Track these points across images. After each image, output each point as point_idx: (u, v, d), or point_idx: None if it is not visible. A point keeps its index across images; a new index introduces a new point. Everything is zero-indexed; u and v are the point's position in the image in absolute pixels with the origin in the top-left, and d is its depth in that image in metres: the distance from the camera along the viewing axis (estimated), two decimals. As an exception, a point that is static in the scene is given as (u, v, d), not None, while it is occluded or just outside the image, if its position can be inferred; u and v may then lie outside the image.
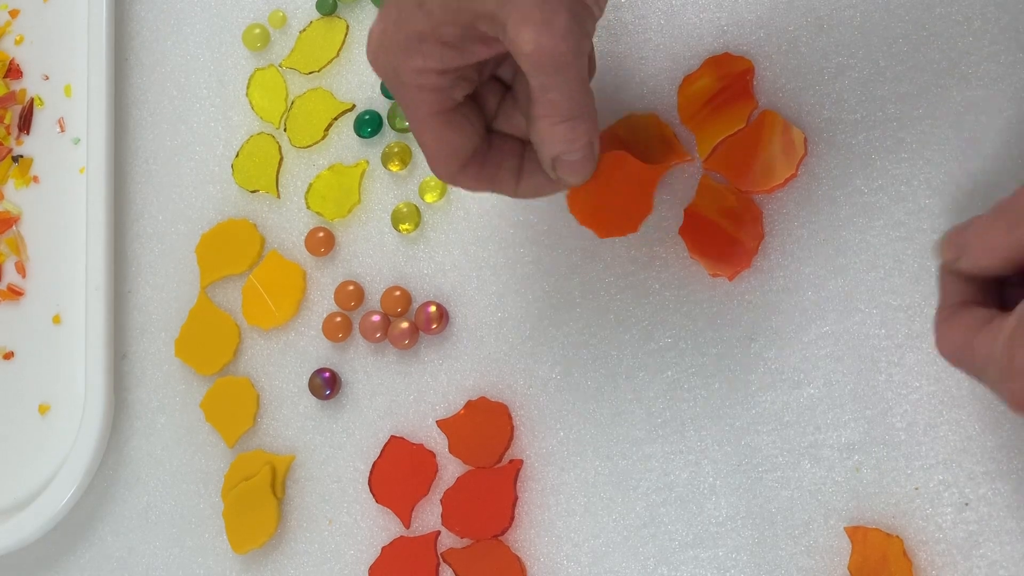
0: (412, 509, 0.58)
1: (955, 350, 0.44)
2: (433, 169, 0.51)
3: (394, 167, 0.62)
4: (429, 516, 0.57)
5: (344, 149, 0.64)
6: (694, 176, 0.56)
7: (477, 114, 0.51)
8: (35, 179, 0.71)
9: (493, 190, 0.52)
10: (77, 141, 0.70)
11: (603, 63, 0.58)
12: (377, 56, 0.49)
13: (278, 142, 0.65)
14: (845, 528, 0.50)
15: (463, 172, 0.51)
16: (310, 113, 0.65)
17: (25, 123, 0.71)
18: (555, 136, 0.49)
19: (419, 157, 0.62)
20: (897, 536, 0.49)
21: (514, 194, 0.52)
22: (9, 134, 0.71)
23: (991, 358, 0.42)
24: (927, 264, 0.51)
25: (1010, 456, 0.48)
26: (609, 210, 0.56)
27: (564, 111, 0.48)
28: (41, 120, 0.71)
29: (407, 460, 0.58)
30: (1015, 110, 0.51)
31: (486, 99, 0.52)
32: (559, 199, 0.58)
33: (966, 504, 0.49)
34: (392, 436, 0.59)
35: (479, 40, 0.47)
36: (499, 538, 0.56)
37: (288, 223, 0.64)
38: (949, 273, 0.46)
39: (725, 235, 0.54)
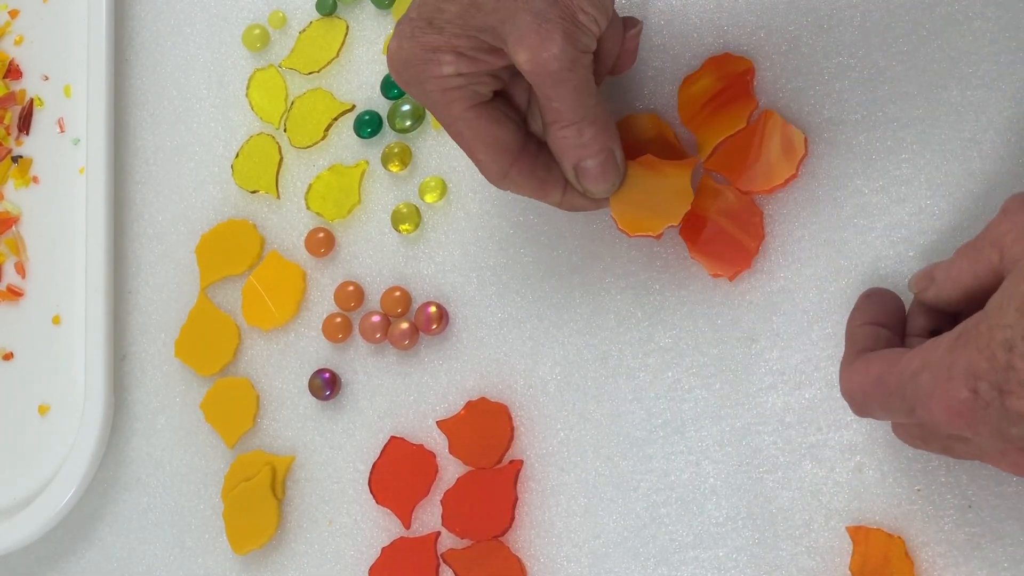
0: (412, 510, 0.58)
1: (867, 381, 0.45)
2: (483, 170, 0.53)
3: (394, 168, 0.62)
4: (429, 517, 0.57)
5: (344, 149, 0.64)
6: (694, 176, 0.55)
7: (514, 110, 0.53)
8: (35, 179, 0.71)
9: (542, 197, 0.53)
10: (77, 141, 0.70)
11: (603, 63, 0.58)
12: (399, 71, 0.51)
13: (278, 142, 0.65)
14: (847, 528, 0.50)
15: (513, 170, 0.52)
16: (310, 113, 0.65)
17: (25, 123, 0.71)
18: (565, 142, 0.51)
19: (419, 157, 0.62)
20: (899, 536, 0.49)
21: (559, 204, 0.54)
22: (9, 134, 0.71)
23: (920, 368, 0.42)
24: (928, 264, 0.51)
25: (1011, 457, 0.48)
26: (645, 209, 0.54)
27: (568, 116, 0.50)
28: (41, 120, 0.71)
29: (407, 461, 0.58)
30: (1015, 110, 0.51)
31: (516, 97, 0.53)
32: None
33: (969, 506, 0.48)
34: (392, 437, 0.59)
35: (490, 51, 0.50)
36: (499, 539, 0.56)
37: (288, 223, 0.64)
38: (916, 304, 0.48)
39: (725, 235, 0.54)
